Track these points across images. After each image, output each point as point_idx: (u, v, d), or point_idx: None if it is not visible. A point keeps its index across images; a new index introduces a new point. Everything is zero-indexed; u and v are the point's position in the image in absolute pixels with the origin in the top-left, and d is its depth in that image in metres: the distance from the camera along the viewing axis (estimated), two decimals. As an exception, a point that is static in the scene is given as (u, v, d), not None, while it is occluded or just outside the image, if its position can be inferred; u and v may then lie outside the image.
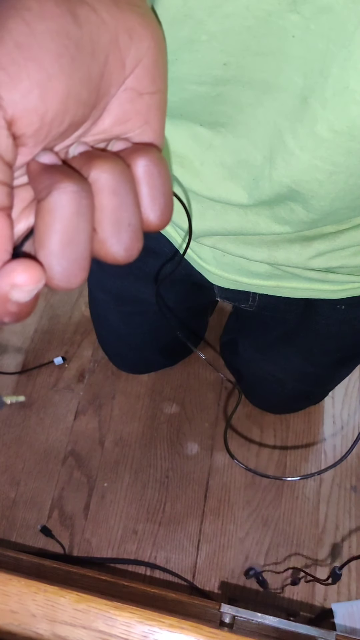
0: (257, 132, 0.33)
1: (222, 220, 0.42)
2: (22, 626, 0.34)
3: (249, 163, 0.35)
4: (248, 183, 0.36)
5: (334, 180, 0.31)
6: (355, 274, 0.50)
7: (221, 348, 1.06)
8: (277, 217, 0.38)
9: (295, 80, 0.28)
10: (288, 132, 0.30)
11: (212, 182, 0.39)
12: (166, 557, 0.92)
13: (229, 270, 0.52)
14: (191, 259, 0.55)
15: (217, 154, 0.37)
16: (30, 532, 0.95)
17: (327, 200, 0.33)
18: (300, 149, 0.30)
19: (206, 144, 0.37)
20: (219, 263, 0.52)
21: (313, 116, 0.28)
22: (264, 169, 0.34)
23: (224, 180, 0.38)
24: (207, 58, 0.29)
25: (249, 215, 0.40)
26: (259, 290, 0.56)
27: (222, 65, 0.29)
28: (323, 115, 0.28)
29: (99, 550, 0.93)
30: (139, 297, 0.70)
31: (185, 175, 0.40)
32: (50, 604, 0.34)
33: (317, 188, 0.32)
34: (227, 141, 0.36)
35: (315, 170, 0.31)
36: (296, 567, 0.89)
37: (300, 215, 0.36)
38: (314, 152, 0.30)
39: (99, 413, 1.04)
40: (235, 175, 0.37)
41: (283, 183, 0.33)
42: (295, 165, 0.31)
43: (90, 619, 0.33)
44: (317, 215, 0.36)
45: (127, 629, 0.33)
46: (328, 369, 0.75)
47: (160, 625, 0.33)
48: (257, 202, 0.37)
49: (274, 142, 0.32)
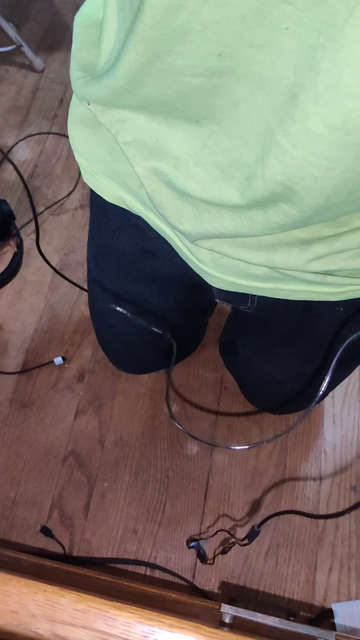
0: (249, 130, 0.33)
1: (218, 224, 0.42)
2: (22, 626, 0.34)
3: (241, 163, 0.35)
4: (241, 183, 0.36)
5: (329, 176, 0.31)
6: (353, 277, 0.50)
7: (220, 348, 1.06)
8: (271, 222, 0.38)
9: (286, 75, 0.28)
10: (279, 129, 0.30)
11: (206, 183, 0.39)
12: (166, 557, 0.92)
13: (227, 272, 0.52)
14: (189, 261, 0.55)
15: (211, 154, 0.37)
16: (30, 532, 0.95)
17: (323, 196, 0.33)
18: (293, 146, 0.30)
19: (200, 144, 0.37)
20: (217, 265, 0.52)
21: (305, 112, 0.28)
22: (256, 168, 0.34)
23: (217, 180, 0.38)
24: (201, 49, 0.29)
25: (243, 220, 0.40)
26: (258, 292, 0.56)
27: (217, 57, 0.29)
28: (316, 110, 0.28)
29: (99, 550, 0.93)
30: (139, 298, 0.70)
31: (180, 177, 0.40)
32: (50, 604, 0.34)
33: (312, 184, 0.32)
34: (221, 140, 0.36)
35: (310, 167, 0.31)
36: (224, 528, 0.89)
37: (295, 216, 0.36)
38: (308, 148, 0.30)
39: (99, 413, 1.04)
40: (228, 175, 0.37)
41: (277, 181, 0.33)
42: (288, 162, 0.31)
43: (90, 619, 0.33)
44: (312, 212, 0.35)
45: (127, 629, 0.33)
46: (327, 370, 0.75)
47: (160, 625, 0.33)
48: (251, 201, 0.37)
49: (266, 140, 0.32)
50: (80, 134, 0.53)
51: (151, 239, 0.59)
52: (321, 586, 0.90)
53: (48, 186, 1.30)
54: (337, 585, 0.90)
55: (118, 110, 0.40)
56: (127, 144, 0.41)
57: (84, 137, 0.52)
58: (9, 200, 1.21)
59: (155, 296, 0.69)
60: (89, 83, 0.40)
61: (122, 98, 0.36)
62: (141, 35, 0.29)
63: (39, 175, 1.31)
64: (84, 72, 0.43)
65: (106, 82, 0.35)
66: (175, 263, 0.60)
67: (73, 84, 0.43)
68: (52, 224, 1.25)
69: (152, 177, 0.42)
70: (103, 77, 0.36)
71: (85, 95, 0.40)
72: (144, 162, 0.41)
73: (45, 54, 1.50)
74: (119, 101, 0.38)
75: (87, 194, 1.30)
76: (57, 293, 1.16)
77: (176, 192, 0.42)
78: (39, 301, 1.15)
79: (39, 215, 1.25)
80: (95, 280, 0.74)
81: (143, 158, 0.41)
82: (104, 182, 0.55)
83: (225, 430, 1.02)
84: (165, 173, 0.40)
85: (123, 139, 0.41)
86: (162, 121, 0.38)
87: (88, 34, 0.45)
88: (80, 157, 0.56)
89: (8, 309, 1.15)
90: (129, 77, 0.33)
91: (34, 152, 1.35)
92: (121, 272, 0.67)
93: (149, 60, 0.31)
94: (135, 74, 0.32)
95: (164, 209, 0.44)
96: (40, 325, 1.13)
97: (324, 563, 0.91)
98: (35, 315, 1.14)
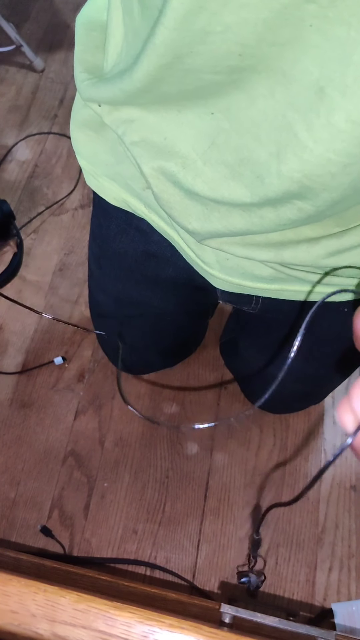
0: (262, 127, 0.33)
1: (227, 222, 0.41)
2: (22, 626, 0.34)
3: (251, 161, 0.35)
4: (251, 181, 0.36)
5: (347, 172, 0.31)
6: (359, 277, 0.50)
7: (221, 348, 1.06)
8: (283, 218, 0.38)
9: (311, 70, 0.28)
10: (301, 124, 0.30)
11: (214, 182, 0.39)
12: (166, 557, 0.92)
13: (232, 274, 0.52)
14: (194, 263, 0.55)
15: (220, 153, 0.37)
16: (30, 532, 0.95)
17: (339, 191, 0.33)
18: (315, 142, 0.30)
19: (209, 142, 0.37)
20: (222, 267, 0.52)
21: (330, 106, 0.28)
22: (270, 166, 0.34)
23: (226, 179, 0.38)
24: (222, 49, 0.29)
25: (254, 218, 0.40)
26: (263, 294, 0.56)
27: (238, 56, 0.29)
28: (342, 104, 0.28)
29: (99, 550, 0.93)
30: (140, 300, 0.70)
31: (187, 177, 0.40)
32: (50, 604, 0.34)
33: (329, 181, 0.32)
34: (230, 139, 0.35)
35: (329, 164, 0.31)
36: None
37: (309, 211, 0.36)
38: (329, 145, 0.30)
39: (99, 413, 1.04)
40: (237, 174, 0.37)
41: (294, 178, 0.33)
42: (308, 159, 0.31)
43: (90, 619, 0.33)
44: (326, 207, 0.35)
45: (127, 629, 0.33)
46: (329, 370, 0.75)
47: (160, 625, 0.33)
48: (263, 200, 0.37)
49: (283, 136, 0.32)
50: (83, 137, 0.53)
51: (154, 242, 0.59)
52: (321, 586, 0.90)
53: (48, 186, 1.30)
54: (337, 585, 0.90)
55: (127, 110, 0.40)
56: (135, 144, 0.41)
57: (87, 140, 0.52)
58: (9, 200, 1.21)
59: (157, 299, 0.69)
60: (96, 85, 0.40)
61: (138, 97, 0.36)
62: (162, 39, 0.29)
63: (39, 175, 1.31)
64: (89, 74, 0.43)
65: (120, 85, 0.35)
66: (178, 266, 0.60)
67: (78, 85, 0.43)
68: (52, 224, 1.25)
69: (160, 176, 0.42)
70: (116, 80, 0.36)
71: (93, 97, 0.40)
72: (151, 162, 0.41)
73: (45, 54, 1.50)
74: (133, 100, 0.37)
75: (87, 194, 1.30)
76: (57, 293, 1.16)
77: (184, 192, 0.41)
78: (39, 301, 1.15)
79: (39, 215, 1.25)
80: (96, 282, 0.74)
81: (150, 158, 0.41)
82: (107, 185, 0.55)
83: (225, 429, 1.02)
84: (173, 172, 0.40)
85: (130, 139, 0.41)
86: (173, 118, 0.37)
87: (92, 37, 0.45)
88: (82, 160, 0.55)
89: (8, 309, 1.15)
90: (147, 79, 0.33)
91: (34, 152, 1.35)
92: (123, 275, 0.67)
93: (169, 62, 0.30)
94: (154, 76, 0.32)
95: (172, 209, 0.44)
96: (40, 325, 1.13)
97: (324, 563, 0.91)
98: (35, 315, 1.14)
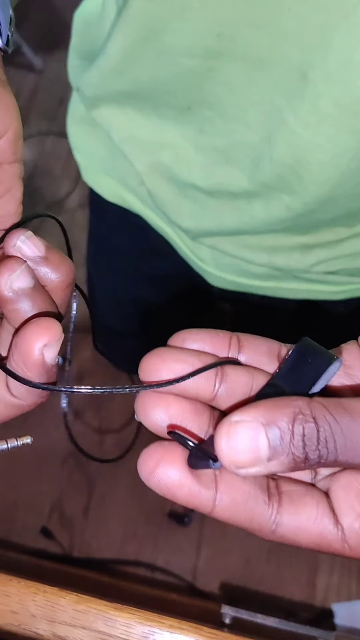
0: (250, 112, 0.33)
1: (218, 221, 0.41)
2: (22, 626, 0.34)
3: (244, 144, 0.35)
4: (246, 165, 0.36)
5: (336, 164, 0.31)
6: (355, 275, 0.50)
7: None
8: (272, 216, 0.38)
9: (291, 55, 0.28)
10: (288, 109, 0.30)
11: (209, 168, 0.38)
12: (166, 559, 0.92)
13: (228, 271, 0.52)
14: (190, 260, 0.55)
15: (210, 138, 0.36)
16: (31, 534, 0.95)
17: (327, 186, 0.33)
18: (303, 127, 0.30)
19: (196, 129, 0.37)
20: (218, 264, 0.52)
21: (315, 91, 0.28)
22: (263, 150, 0.34)
23: (220, 165, 0.37)
24: (199, 27, 0.28)
25: (244, 217, 0.39)
26: (258, 292, 0.56)
27: (215, 37, 0.29)
28: (326, 89, 0.27)
29: (99, 552, 0.93)
30: (137, 297, 0.70)
31: (182, 168, 0.39)
32: (50, 605, 0.34)
33: (318, 171, 0.32)
34: (216, 125, 0.35)
35: (318, 150, 0.30)
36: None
37: (298, 209, 0.36)
38: (317, 129, 0.29)
39: (99, 413, 1.04)
40: (231, 158, 0.37)
41: (286, 163, 0.33)
42: (298, 144, 0.31)
43: (90, 620, 0.33)
44: (315, 205, 0.35)
45: (127, 630, 0.33)
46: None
47: (160, 626, 0.33)
48: (258, 185, 0.36)
49: (272, 121, 0.32)
50: (79, 132, 0.53)
51: (151, 238, 0.59)
52: (321, 587, 0.90)
53: (48, 186, 1.30)
54: (337, 586, 0.90)
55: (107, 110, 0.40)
56: (123, 141, 0.41)
57: (84, 135, 0.52)
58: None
59: (154, 295, 0.69)
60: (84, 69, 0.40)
61: (111, 82, 0.36)
62: (137, 10, 0.28)
63: (39, 176, 1.31)
64: (83, 60, 0.42)
65: (97, 63, 0.35)
66: (175, 262, 0.60)
67: (70, 73, 0.43)
68: (53, 224, 1.25)
69: (153, 173, 0.42)
70: (95, 59, 0.35)
71: (79, 83, 0.40)
72: (143, 158, 0.41)
73: (45, 54, 1.50)
74: (108, 86, 0.37)
75: (86, 194, 1.30)
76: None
77: (178, 188, 0.41)
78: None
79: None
80: (94, 280, 0.74)
81: (141, 154, 0.41)
82: (103, 180, 0.55)
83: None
84: (167, 166, 0.40)
85: (118, 136, 0.41)
86: (151, 112, 0.37)
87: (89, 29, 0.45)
88: (79, 155, 0.55)
89: (8, 310, 1.15)
90: (120, 55, 0.32)
91: (34, 152, 1.35)
92: (120, 271, 0.67)
93: (144, 37, 0.30)
94: (127, 52, 0.31)
95: (164, 206, 0.44)
96: (40, 325, 1.13)
97: (325, 564, 0.91)
98: (35, 316, 1.14)
